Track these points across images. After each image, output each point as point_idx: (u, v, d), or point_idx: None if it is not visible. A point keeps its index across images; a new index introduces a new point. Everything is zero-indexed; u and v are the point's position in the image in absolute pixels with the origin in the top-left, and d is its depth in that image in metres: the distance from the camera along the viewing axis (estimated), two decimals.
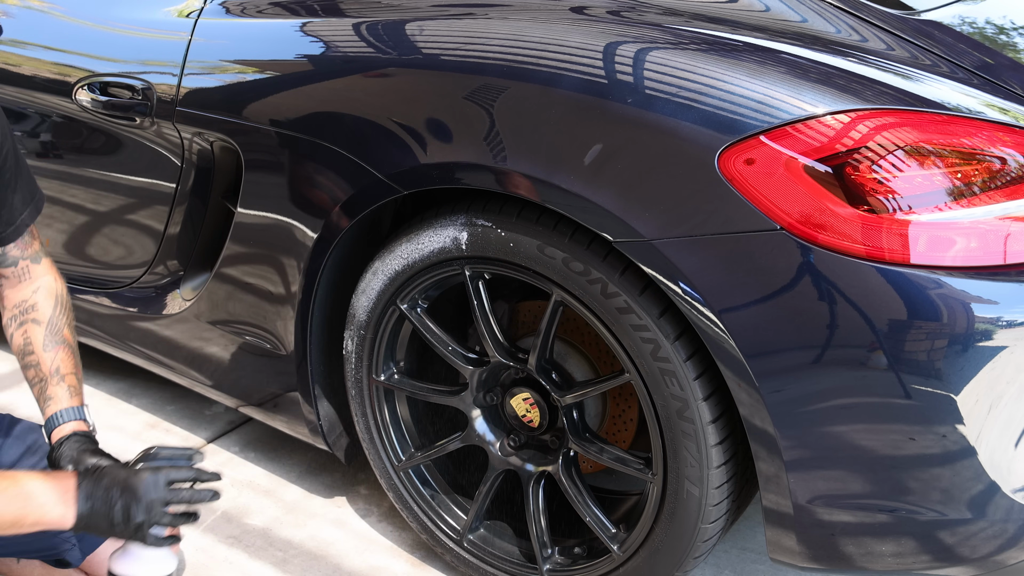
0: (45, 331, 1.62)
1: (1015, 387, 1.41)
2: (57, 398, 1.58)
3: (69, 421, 1.56)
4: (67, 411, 1.57)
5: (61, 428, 1.56)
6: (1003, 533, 1.49)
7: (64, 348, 1.62)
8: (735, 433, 1.60)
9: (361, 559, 2.11)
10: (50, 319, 1.63)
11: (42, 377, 1.60)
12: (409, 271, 1.80)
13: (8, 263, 1.63)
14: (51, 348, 1.61)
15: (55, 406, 1.58)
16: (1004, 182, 1.38)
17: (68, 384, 1.60)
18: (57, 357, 1.61)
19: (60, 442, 1.54)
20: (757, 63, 1.48)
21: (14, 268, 1.63)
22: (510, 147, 1.58)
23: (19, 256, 1.63)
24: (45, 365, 1.60)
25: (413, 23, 1.78)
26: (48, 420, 1.57)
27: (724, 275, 1.44)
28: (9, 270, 1.63)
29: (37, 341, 1.61)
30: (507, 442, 1.91)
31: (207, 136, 2.01)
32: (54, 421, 1.57)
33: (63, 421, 1.56)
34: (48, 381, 1.59)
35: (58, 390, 1.59)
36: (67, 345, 1.63)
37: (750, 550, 2.10)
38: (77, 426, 1.56)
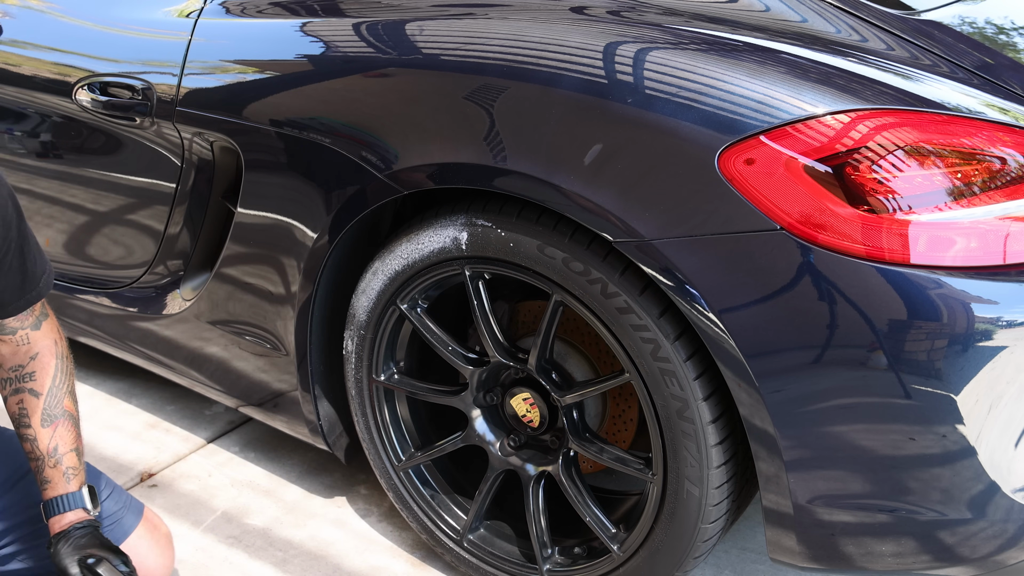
0: (43, 404, 1.56)
1: (1015, 387, 1.41)
2: (54, 483, 1.54)
3: (68, 511, 1.53)
4: (65, 499, 1.53)
5: (61, 518, 1.52)
6: (1003, 533, 1.49)
7: (63, 422, 1.57)
8: (735, 433, 1.60)
9: (361, 559, 2.11)
10: (49, 390, 1.57)
11: (38, 456, 1.55)
12: (409, 271, 1.80)
13: (6, 332, 1.57)
14: (49, 424, 1.56)
15: (52, 491, 1.54)
16: (1004, 182, 1.38)
17: (67, 465, 1.55)
18: (56, 434, 1.56)
19: (59, 537, 1.51)
20: (757, 63, 1.48)
21: (12, 336, 1.58)
22: (510, 147, 1.58)
23: (18, 327, 1.58)
24: (42, 443, 1.55)
25: (413, 23, 1.78)
26: (46, 504, 1.54)
27: (724, 275, 1.44)
28: (7, 337, 1.58)
29: (34, 415, 1.56)
30: (507, 442, 1.91)
31: (207, 136, 2.01)
32: (52, 509, 1.53)
33: (62, 510, 1.53)
34: (44, 462, 1.54)
35: (55, 473, 1.54)
36: (67, 417, 1.58)
37: (750, 550, 2.10)
38: (76, 516, 1.53)
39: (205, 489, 2.33)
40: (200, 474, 2.38)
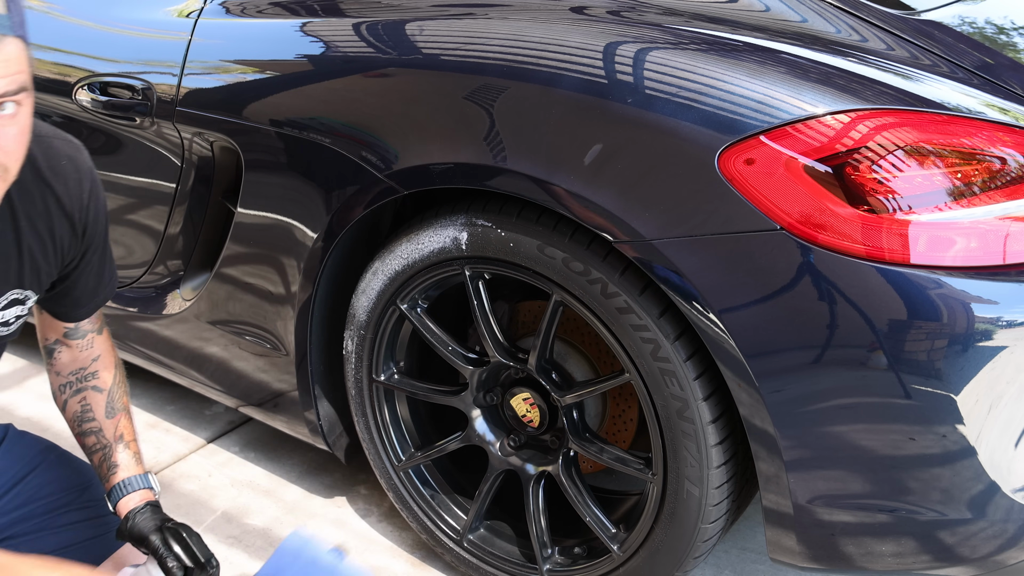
0: (107, 399, 1.60)
1: (1015, 387, 1.41)
2: (124, 465, 1.57)
3: (138, 490, 1.55)
4: (135, 479, 1.56)
5: (130, 497, 1.55)
6: (1003, 533, 1.49)
7: (125, 416, 1.61)
8: (735, 433, 1.60)
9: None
10: (111, 387, 1.61)
11: (104, 444, 1.58)
12: (409, 271, 1.80)
13: (77, 336, 1.60)
14: (112, 416, 1.59)
15: (122, 473, 1.56)
16: (1004, 182, 1.38)
17: (132, 451, 1.59)
18: (120, 424, 1.59)
19: (133, 513, 1.53)
20: (757, 63, 1.48)
21: (80, 340, 1.61)
22: (510, 147, 1.58)
23: (89, 330, 1.61)
24: (108, 432, 1.58)
25: (413, 23, 1.78)
26: (114, 488, 1.56)
27: (724, 275, 1.44)
28: (76, 342, 1.61)
29: (99, 408, 1.59)
30: (507, 442, 1.91)
31: (207, 136, 2.01)
32: (122, 489, 1.55)
33: (132, 490, 1.55)
34: (112, 448, 1.58)
35: (124, 456, 1.57)
36: (126, 412, 1.62)
37: (750, 550, 2.10)
38: (145, 495, 1.55)
39: (205, 489, 2.33)
40: (200, 474, 2.38)
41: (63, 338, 1.60)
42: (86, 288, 1.54)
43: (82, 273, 1.52)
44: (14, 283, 1.40)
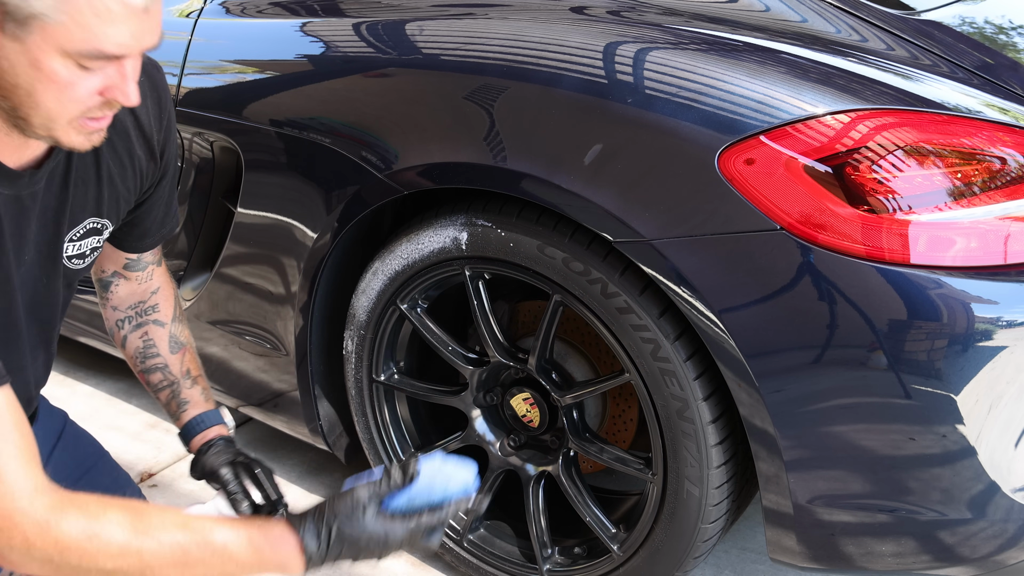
0: (169, 332, 1.54)
1: (1015, 387, 1.41)
2: (194, 401, 1.52)
3: (212, 426, 1.51)
4: (208, 415, 1.51)
5: (205, 433, 1.50)
6: (1003, 533, 1.49)
7: (190, 350, 1.55)
8: (735, 433, 1.60)
9: None
10: (172, 319, 1.55)
11: (172, 380, 1.53)
12: (409, 271, 1.80)
13: (138, 268, 1.53)
14: (177, 350, 1.54)
15: (193, 409, 1.51)
16: (1004, 182, 1.38)
17: (201, 386, 1.53)
18: (185, 358, 1.54)
19: (206, 447, 1.48)
20: (757, 63, 1.48)
21: (141, 273, 1.54)
22: (510, 147, 1.58)
23: (151, 262, 1.54)
24: (174, 367, 1.53)
25: (413, 23, 1.78)
26: (187, 424, 1.51)
27: (724, 275, 1.44)
28: (136, 274, 1.54)
29: (162, 343, 1.53)
30: (507, 442, 1.91)
31: (207, 136, 2.01)
32: (196, 426, 1.50)
33: (206, 426, 1.50)
34: (180, 384, 1.52)
35: (193, 392, 1.52)
36: (191, 346, 1.56)
37: (750, 550, 2.10)
38: (219, 430, 1.51)
39: (205, 489, 2.31)
40: None
41: (122, 270, 1.53)
42: (155, 218, 1.47)
43: (155, 202, 1.45)
44: (92, 211, 1.32)
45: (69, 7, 1.00)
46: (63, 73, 1.04)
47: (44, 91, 1.05)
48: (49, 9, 0.99)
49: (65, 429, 1.58)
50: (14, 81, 1.04)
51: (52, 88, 1.05)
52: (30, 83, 1.04)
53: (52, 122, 1.08)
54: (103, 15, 1.01)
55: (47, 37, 1.01)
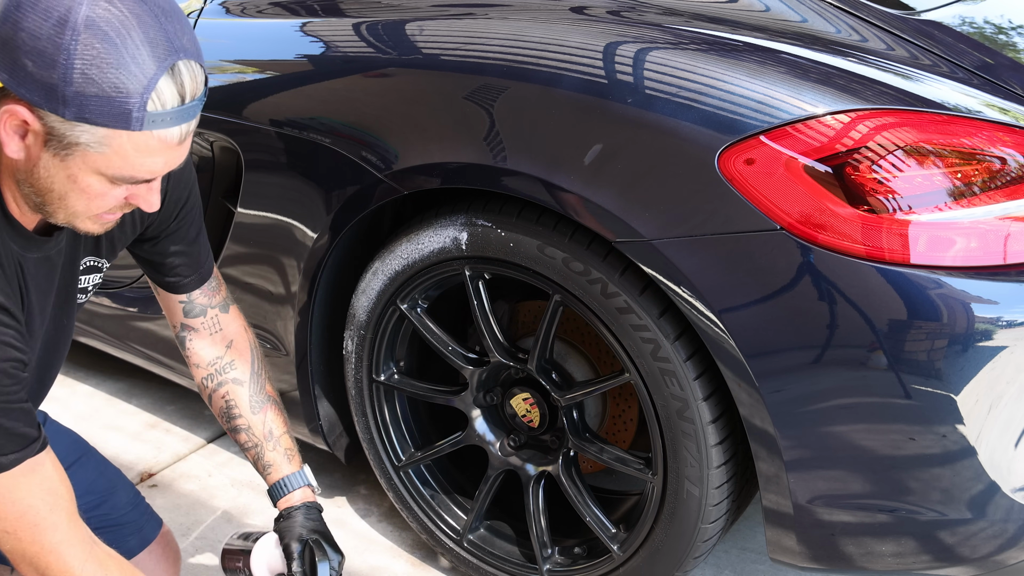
0: (249, 391, 1.56)
1: (1015, 387, 1.41)
2: (277, 465, 1.55)
3: (296, 489, 1.54)
4: (292, 477, 1.54)
5: (289, 497, 1.54)
6: (1003, 533, 1.49)
7: (272, 406, 1.57)
8: (735, 433, 1.60)
9: (361, 559, 2.11)
10: (251, 376, 1.57)
11: (256, 442, 1.55)
12: (409, 271, 1.80)
13: (196, 313, 1.55)
14: (259, 409, 1.56)
15: (277, 473, 1.54)
16: (1004, 182, 1.38)
17: (284, 447, 1.56)
18: (268, 418, 1.56)
19: (289, 512, 1.52)
20: (757, 63, 1.48)
21: (203, 319, 1.55)
22: (510, 147, 1.58)
23: (207, 304, 1.55)
24: (257, 429, 1.55)
25: (413, 23, 1.78)
26: (273, 487, 1.55)
27: (724, 275, 1.44)
28: (198, 320, 1.55)
29: (243, 403, 1.55)
30: (507, 442, 1.91)
31: (207, 136, 2.01)
32: (280, 490, 1.54)
33: (290, 489, 1.54)
34: (263, 446, 1.55)
35: (276, 456, 1.55)
36: (273, 402, 1.58)
37: (750, 550, 2.10)
38: (304, 495, 1.54)
39: (205, 489, 2.33)
40: (200, 474, 2.38)
41: (185, 319, 1.55)
42: (180, 254, 1.50)
43: (175, 240, 1.48)
44: (91, 251, 1.38)
45: (113, 143, 1.07)
46: (96, 187, 1.13)
47: (76, 198, 1.14)
48: (93, 142, 1.07)
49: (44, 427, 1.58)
50: (49, 186, 1.13)
51: (83, 197, 1.14)
52: (64, 191, 1.13)
53: (75, 217, 1.18)
54: (142, 151, 1.09)
55: (88, 161, 1.09)
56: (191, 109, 1.10)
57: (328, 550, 1.49)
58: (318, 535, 1.50)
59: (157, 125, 1.07)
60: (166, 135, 1.09)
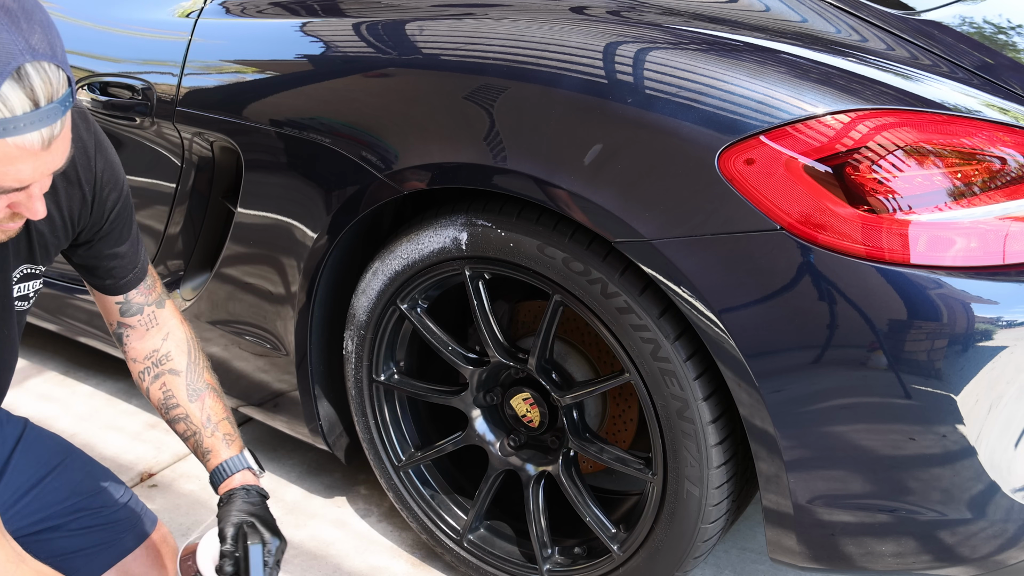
0: (186, 380, 1.55)
1: (1015, 387, 1.41)
2: (216, 450, 1.52)
3: (236, 472, 1.50)
4: (231, 461, 1.51)
5: (229, 481, 1.50)
6: (1003, 533, 1.49)
7: (209, 393, 1.55)
8: (735, 433, 1.60)
9: (361, 559, 2.11)
10: (187, 366, 1.55)
11: (195, 430, 1.53)
12: (409, 271, 1.80)
13: (133, 311, 1.54)
14: (197, 397, 1.54)
15: (216, 458, 1.51)
16: (1004, 182, 1.38)
17: (223, 432, 1.53)
18: (205, 405, 1.54)
19: (226, 497, 1.48)
20: (757, 63, 1.48)
21: (140, 316, 1.54)
22: (510, 147, 1.58)
23: (143, 303, 1.54)
24: (195, 416, 1.53)
25: (413, 23, 1.78)
26: (213, 473, 1.51)
27: (724, 275, 1.44)
28: (135, 319, 1.54)
29: (180, 392, 1.54)
30: (507, 442, 1.91)
31: (207, 136, 2.01)
32: (220, 475, 1.51)
33: (230, 473, 1.50)
34: (202, 433, 1.52)
35: (214, 441, 1.52)
36: (211, 389, 1.56)
37: (750, 550, 2.10)
38: (244, 478, 1.51)
39: (205, 489, 2.32)
40: (200, 474, 2.38)
41: (122, 318, 1.54)
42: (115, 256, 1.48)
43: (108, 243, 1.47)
44: (25, 258, 1.37)
45: None
46: None
47: None
48: None
49: (25, 433, 1.58)
50: None
51: None
52: None
53: None
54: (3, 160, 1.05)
55: None
56: (50, 112, 1.06)
57: (264, 533, 1.44)
58: (254, 518, 1.45)
59: (10, 132, 1.03)
60: (24, 142, 1.05)
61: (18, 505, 1.53)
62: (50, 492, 1.56)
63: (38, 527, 1.55)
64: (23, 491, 1.54)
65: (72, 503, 1.57)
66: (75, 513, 1.57)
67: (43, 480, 1.56)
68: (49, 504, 1.56)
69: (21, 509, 1.54)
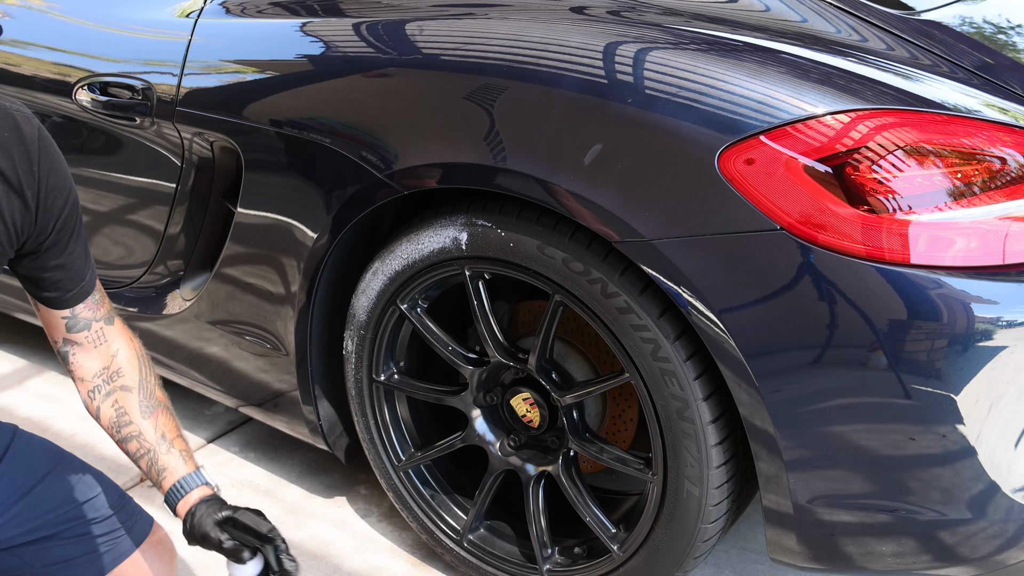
0: (138, 397, 1.52)
1: (1015, 387, 1.41)
2: (172, 468, 1.50)
3: (192, 489, 1.49)
4: (188, 478, 1.49)
5: (187, 498, 1.49)
6: (1003, 533, 1.49)
7: (162, 411, 1.53)
8: (735, 433, 1.60)
9: (361, 559, 2.11)
10: (140, 382, 1.53)
11: (148, 448, 1.51)
12: (409, 271, 1.80)
13: (80, 327, 1.50)
14: (149, 414, 1.52)
15: (172, 476, 1.50)
16: (1004, 182, 1.38)
17: (179, 449, 1.52)
18: (159, 422, 1.52)
19: (191, 512, 1.47)
20: (757, 63, 1.48)
21: (87, 332, 1.51)
22: (510, 147, 1.58)
23: (91, 318, 1.51)
24: (148, 434, 1.51)
25: (413, 23, 1.78)
26: (169, 493, 1.50)
27: (724, 275, 1.44)
28: (82, 335, 1.51)
29: (132, 409, 1.51)
30: (507, 442, 1.91)
31: (207, 136, 2.01)
32: (177, 493, 1.49)
33: (187, 490, 1.49)
34: (156, 451, 1.50)
35: (170, 459, 1.50)
36: (163, 407, 1.54)
37: (750, 550, 2.10)
38: (202, 492, 1.49)
39: None
40: None
41: (68, 335, 1.52)
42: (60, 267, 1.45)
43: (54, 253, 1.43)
44: None
45: None
46: None
47: None
48: None
49: (14, 441, 1.56)
50: None
51: None
52: None
53: None
54: None
55: None
56: None
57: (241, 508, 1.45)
58: (226, 511, 1.45)
59: None
60: None
61: (8, 514, 1.52)
62: (42, 500, 1.54)
63: (31, 536, 1.54)
64: (13, 500, 1.53)
65: (65, 511, 1.55)
66: (69, 521, 1.55)
67: (33, 489, 1.54)
68: (41, 513, 1.54)
69: (12, 519, 1.53)
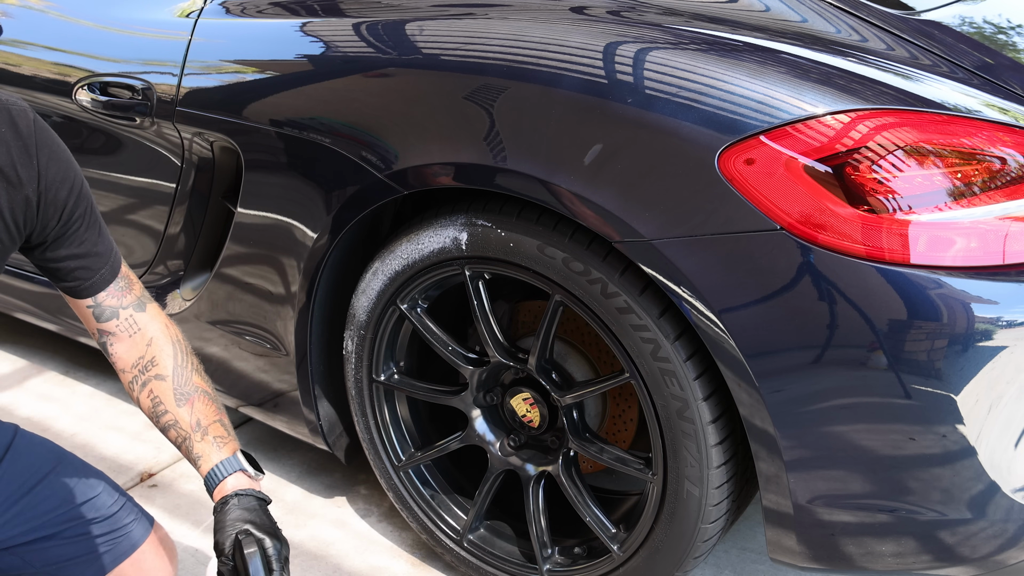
0: (172, 385, 1.51)
1: (1015, 387, 1.41)
2: (207, 455, 1.48)
3: (228, 476, 1.46)
4: (223, 464, 1.47)
5: (222, 486, 1.46)
6: (1003, 533, 1.49)
7: (199, 396, 1.51)
8: (735, 433, 1.60)
9: (361, 559, 2.11)
10: (174, 370, 1.51)
11: (185, 435, 1.49)
12: (409, 271, 1.80)
13: (107, 316, 1.50)
14: (184, 402, 1.50)
15: (207, 463, 1.47)
16: (1004, 182, 1.38)
17: (214, 435, 1.49)
18: (195, 409, 1.50)
19: (223, 501, 1.44)
20: (757, 63, 1.48)
21: (117, 321, 1.50)
22: (510, 147, 1.58)
23: (117, 306, 1.50)
24: (184, 421, 1.49)
25: (413, 23, 1.78)
26: (206, 479, 1.47)
27: (724, 275, 1.44)
28: (112, 324, 1.50)
29: (167, 398, 1.50)
30: (507, 442, 1.91)
31: (207, 136, 2.01)
32: (212, 479, 1.47)
33: (222, 477, 1.46)
34: (191, 438, 1.48)
35: (204, 446, 1.48)
36: (201, 392, 1.52)
37: (750, 550, 2.10)
38: (237, 481, 1.46)
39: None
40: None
41: (100, 324, 1.51)
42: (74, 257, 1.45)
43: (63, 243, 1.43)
44: None
45: None
46: None
47: None
48: None
49: (15, 441, 1.56)
50: None
51: None
52: None
53: None
54: None
55: None
56: None
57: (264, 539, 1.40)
58: (250, 524, 1.41)
59: None
60: None
61: (9, 514, 1.52)
62: (42, 500, 1.54)
63: (32, 536, 1.54)
64: (14, 500, 1.53)
65: (65, 511, 1.55)
66: (69, 521, 1.55)
67: (34, 489, 1.54)
68: (42, 513, 1.54)
69: (12, 518, 1.53)
